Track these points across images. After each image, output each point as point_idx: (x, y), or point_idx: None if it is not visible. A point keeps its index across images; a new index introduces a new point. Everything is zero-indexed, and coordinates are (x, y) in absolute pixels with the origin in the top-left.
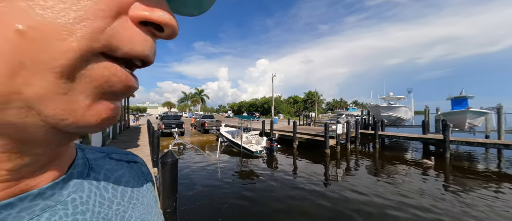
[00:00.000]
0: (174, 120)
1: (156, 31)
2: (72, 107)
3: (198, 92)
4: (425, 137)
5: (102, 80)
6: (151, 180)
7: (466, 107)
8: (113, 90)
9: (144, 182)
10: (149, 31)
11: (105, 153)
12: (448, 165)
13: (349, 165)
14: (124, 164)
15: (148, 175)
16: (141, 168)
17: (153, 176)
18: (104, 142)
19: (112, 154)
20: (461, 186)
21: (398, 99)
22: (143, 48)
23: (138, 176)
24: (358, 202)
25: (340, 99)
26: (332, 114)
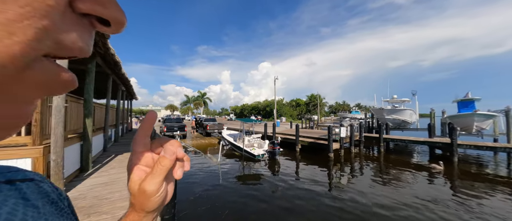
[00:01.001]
0: (176, 123)
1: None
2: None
3: (200, 95)
4: (431, 140)
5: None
6: (62, 200)
7: (473, 110)
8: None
9: (47, 207)
10: (90, 23)
11: None
12: (456, 169)
13: (353, 169)
14: (2, 187)
15: (53, 194)
16: (39, 186)
17: (64, 194)
18: (105, 145)
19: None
20: (470, 191)
21: (402, 101)
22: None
23: (34, 201)
24: (364, 207)
25: (342, 102)
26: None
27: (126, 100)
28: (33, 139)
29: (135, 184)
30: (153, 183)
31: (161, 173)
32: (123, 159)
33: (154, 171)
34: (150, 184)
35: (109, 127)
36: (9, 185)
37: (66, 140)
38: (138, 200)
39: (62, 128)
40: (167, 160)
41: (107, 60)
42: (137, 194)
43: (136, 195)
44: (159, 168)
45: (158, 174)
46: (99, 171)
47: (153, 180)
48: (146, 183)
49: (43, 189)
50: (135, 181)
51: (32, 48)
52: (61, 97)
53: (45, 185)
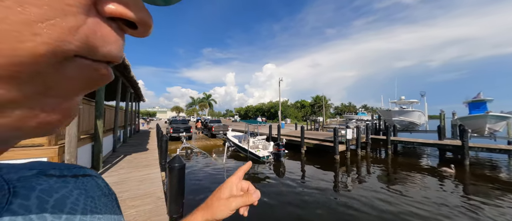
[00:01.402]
0: (182, 125)
1: (128, 28)
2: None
3: (206, 97)
4: (441, 143)
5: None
6: (111, 195)
7: (485, 111)
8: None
9: (102, 199)
10: (118, 27)
11: (36, 169)
12: (468, 173)
13: (360, 171)
14: (69, 180)
15: (105, 189)
16: (96, 181)
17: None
18: (115, 146)
19: (50, 170)
20: (482, 196)
21: (410, 103)
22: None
23: (92, 193)
24: (371, 212)
25: (348, 103)
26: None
27: (134, 102)
28: (49, 140)
29: (226, 193)
30: (237, 204)
31: (245, 202)
32: (131, 160)
33: (243, 198)
34: (236, 202)
35: (118, 128)
36: (74, 179)
37: (79, 141)
38: (219, 205)
39: (76, 129)
40: (253, 199)
41: (117, 64)
42: (223, 200)
43: (222, 201)
44: (246, 199)
45: (243, 201)
46: (109, 171)
47: (239, 201)
48: (234, 200)
49: (98, 184)
50: (228, 191)
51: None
52: None
53: (100, 180)
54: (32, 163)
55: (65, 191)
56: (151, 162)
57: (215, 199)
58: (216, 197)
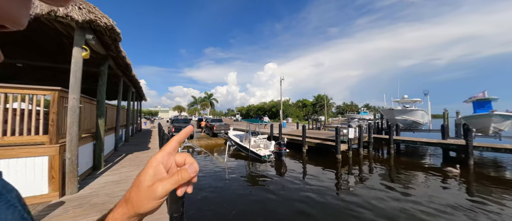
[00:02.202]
0: (184, 124)
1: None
2: None
3: (207, 96)
4: (445, 142)
5: None
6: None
7: (490, 110)
8: None
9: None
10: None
11: None
12: (472, 173)
13: (362, 171)
14: None
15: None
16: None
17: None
18: (116, 145)
19: None
20: (487, 196)
21: (413, 102)
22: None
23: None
24: (373, 212)
25: (350, 103)
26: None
27: (136, 101)
28: (50, 138)
29: (148, 179)
30: (165, 188)
31: (177, 182)
32: (133, 158)
33: (173, 177)
34: (162, 187)
35: (120, 127)
36: None
37: (80, 140)
38: (140, 197)
39: (77, 128)
40: (188, 175)
41: (119, 63)
42: (144, 190)
43: (143, 191)
44: (178, 178)
45: (174, 182)
46: (111, 170)
47: (166, 185)
48: (159, 184)
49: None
50: (150, 176)
51: None
52: (76, 98)
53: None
54: None
55: None
56: None
57: (134, 191)
58: (134, 188)
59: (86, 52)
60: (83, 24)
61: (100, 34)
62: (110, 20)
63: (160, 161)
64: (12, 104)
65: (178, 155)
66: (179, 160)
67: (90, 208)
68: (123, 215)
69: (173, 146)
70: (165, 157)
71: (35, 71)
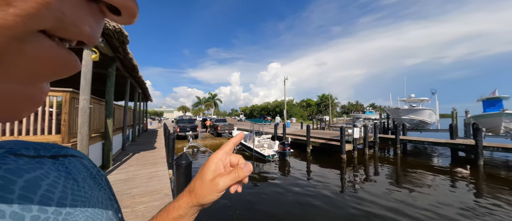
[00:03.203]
0: (188, 124)
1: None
2: None
3: (211, 96)
4: (453, 142)
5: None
6: (100, 176)
7: (501, 109)
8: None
9: (88, 181)
10: (100, 10)
11: (3, 148)
12: (482, 173)
13: (367, 171)
14: (46, 161)
15: (93, 170)
16: (81, 162)
17: (102, 172)
18: (124, 144)
19: (21, 150)
20: (497, 197)
21: (420, 101)
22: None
23: (76, 174)
24: (378, 213)
25: (355, 102)
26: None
27: (142, 102)
28: (62, 137)
29: (210, 173)
30: (225, 183)
31: (234, 179)
32: (140, 158)
33: (232, 174)
34: (222, 181)
35: (127, 127)
36: (53, 159)
37: (90, 139)
38: (203, 189)
39: (87, 128)
40: (244, 173)
41: (126, 64)
42: (207, 183)
43: (206, 183)
44: (236, 175)
45: (232, 178)
46: (119, 168)
47: (225, 180)
48: (220, 179)
49: (85, 165)
50: (211, 171)
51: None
52: (86, 99)
53: (86, 161)
54: (3, 142)
55: (39, 173)
56: (159, 160)
57: (198, 183)
58: (198, 180)
59: (96, 54)
60: None
61: (109, 37)
62: (118, 23)
63: (220, 158)
64: None
65: (233, 156)
66: (233, 160)
67: None
68: (188, 203)
69: (230, 146)
70: (224, 155)
71: None
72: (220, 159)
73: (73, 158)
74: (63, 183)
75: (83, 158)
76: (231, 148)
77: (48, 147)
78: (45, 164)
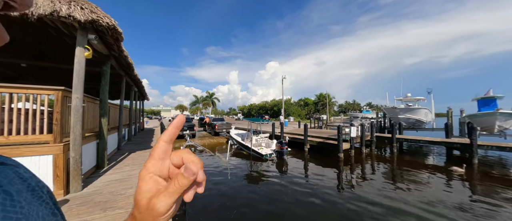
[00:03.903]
0: (186, 123)
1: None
2: None
3: (209, 95)
4: (449, 141)
5: None
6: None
7: (495, 109)
8: None
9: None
10: None
11: None
12: (476, 172)
13: (364, 170)
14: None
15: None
16: (15, 171)
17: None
18: (119, 144)
19: None
20: (491, 195)
21: (416, 100)
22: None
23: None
24: (374, 211)
25: (353, 101)
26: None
27: (138, 100)
28: (54, 137)
29: (143, 197)
30: (165, 203)
31: (176, 192)
32: (136, 157)
33: (169, 189)
34: (161, 203)
35: (122, 127)
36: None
37: (84, 139)
38: (142, 216)
39: (80, 127)
40: (186, 180)
41: (121, 62)
42: (143, 209)
43: (142, 210)
44: (176, 187)
45: (172, 193)
46: (114, 168)
47: (165, 199)
48: (157, 201)
49: (20, 174)
50: (144, 193)
51: None
52: (79, 98)
53: (22, 170)
54: None
55: None
56: None
57: (136, 211)
58: (136, 210)
59: (89, 52)
60: (85, 24)
61: (102, 34)
62: (112, 20)
63: (151, 171)
64: (16, 104)
65: (174, 155)
66: (176, 161)
67: (94, 206)
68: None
69: (161, 148)
70: (156, 165)
71: (39, 71)
72: (153, 173)
73: (2, 167)
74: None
75: (17, 166)
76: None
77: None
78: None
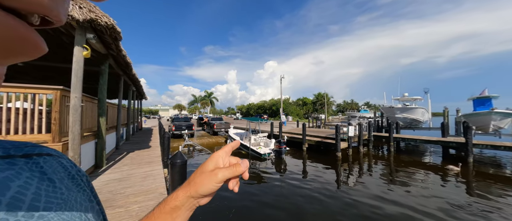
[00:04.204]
0: (184, 122)
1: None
2: None
3: (207, 95)
4: (445, 140)
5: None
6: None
7: (491, 108)
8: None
9: (65, 181)
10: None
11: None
12: (471, 170)
13: (362, 169)
14: (17, 161)
15: (72, 170)
16: (59, 161)
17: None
18: (118, 143)
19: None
20: (486, 193)
21: (413, 100)
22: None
23: (52, 175)
24: (372, 209)
25: (351, 101)
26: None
27: (136, 100)
28: (52, 137)
29: (210, 165)
30: (223, 174)
31: (232, 173)
32: (134, 157)
33: (230, 168)
34: (221, 173)
35: (121, 126)
36: (25, 159)
37: (82, 138)
38: (202, 179)
39: (79, 127)
40: (241, 169)
41: (119, 61)
42: (207, 173)
43: (206, 173)
44: (233, 170)
45: (230, 172)
46: (113, 168)
47: (225, 173)
48: (219, 171)
49: (62, 164)
50: (212, 163)
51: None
52: (78, 97)
53: (64, 160)
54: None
55: (9, 173)
56: (154, 159)
57: (198, 174)
58: (199, 171)
59: (87, 51)
60: (83, 23)
61: (101, 33)
62: (110, 19)
63: (220, 155)
64: (14, 103)
65: (231, 157)
66: (232, 161)
67: None
68: (185, 193)
69: (229, 148)
70: (224, 154)
71: (37, 70)
72: (221, 157)
73: (49, 157)
74: (37, 184)
75: (60, 157)
76: (230, 150)
77: (20, 146)
78: (16, 164)
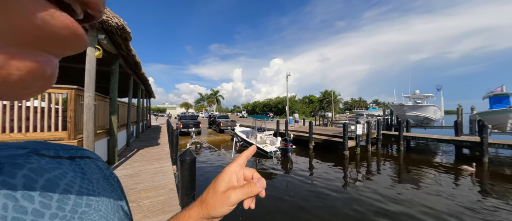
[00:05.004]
0: (191, 120)
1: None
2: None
3: (213, 93)
4: (458, 139)
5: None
6: (113, 178)
7: (508, 106)
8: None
9: (101, 182)
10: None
11: (27, 148)
12: (486, 171)
13: (370, 168)
14: (64, 161)
15: (106, 171)
16: (96, 164)
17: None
18: (128, 141)
19: (42, 150)
20: (502, 195)
21: (425, 97)
22: None
23: (91, 175)
24: (380, 210)
25: (359, 98)
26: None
27: (145, 98)
28: (68, 134)
29: (223, 184)
30: (236, 196)
31: (247, 194)
32: (144, 154)
33: (244, 189)
34: (235, 195)
35: (131, 124)
36: (70, 160)
37: (96, 135)
38: (215, 201)
39: (92, 124)
40: (257, 189)
41: (129, 61)
42: (219, 194)
43: (218, 195)
44: (249, 190)
45: (245, 192)
46: (124, 164)
47: (237, 194)
48: (232, 192)
49: (99, 166)
50: (225, 182)
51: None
52: (91, 96)
53: (100, 163)
54: (27, 142)
55: (59, 172)
56: (163, 156)
57: (210, 194)
58: (211, 192)
59: (99, 51)
60: (95, 24)
61: (111, 34)
62: (121, 20)
63: (233, 170)
64: (32, 102)
65: (246, 169)
66: (247, 174)
67: None
68: (198, 214)
69: (243, 159)
70: (237, 168)
71: None
72: (234, 172)
73: (88, 160)
74: (79, 183)
75: (97, 160)
76: (244, 161)
77: (66, 148)
78: (63, 164)
